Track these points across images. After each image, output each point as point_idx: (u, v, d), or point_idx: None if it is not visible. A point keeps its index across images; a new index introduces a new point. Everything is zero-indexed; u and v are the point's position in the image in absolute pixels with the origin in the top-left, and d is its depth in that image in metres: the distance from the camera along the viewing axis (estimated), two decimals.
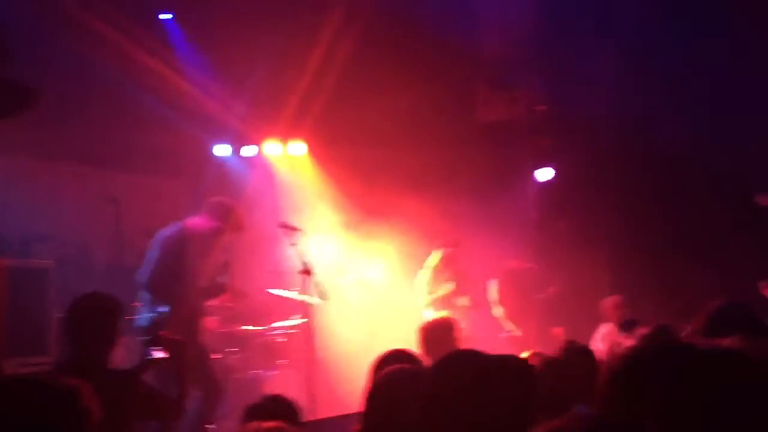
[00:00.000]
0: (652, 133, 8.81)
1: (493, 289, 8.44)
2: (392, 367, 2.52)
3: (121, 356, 4.01)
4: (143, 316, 5.66)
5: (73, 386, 1.78)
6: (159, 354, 3.60)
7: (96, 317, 3.52)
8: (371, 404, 2.42)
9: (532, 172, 9.50)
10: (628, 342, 4.75)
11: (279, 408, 2.59)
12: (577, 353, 3.29)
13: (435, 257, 8.06)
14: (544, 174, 9.50)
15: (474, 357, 2.08)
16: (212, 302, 7.61)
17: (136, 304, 5.91)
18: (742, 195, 9.11)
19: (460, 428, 1.91)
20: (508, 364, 2.43)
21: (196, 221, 6.08)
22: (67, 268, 7.18)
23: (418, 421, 2.03)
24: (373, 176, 8.72)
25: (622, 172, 8.88)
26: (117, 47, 7.61)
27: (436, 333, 5.08)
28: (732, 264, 8.23)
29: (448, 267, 8.04)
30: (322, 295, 6.44)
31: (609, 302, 7.32)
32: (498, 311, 8.38)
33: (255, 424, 1.78)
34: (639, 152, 8.86)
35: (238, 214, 6.23)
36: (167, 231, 5.97)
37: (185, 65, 8.36)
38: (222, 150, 9.15)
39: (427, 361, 3.33)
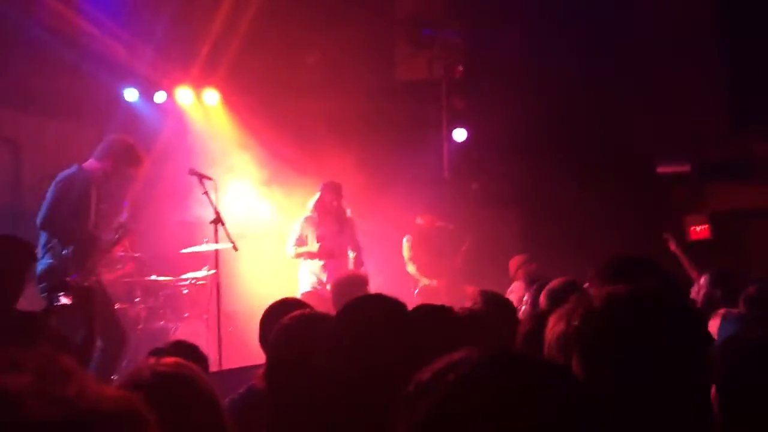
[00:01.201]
0: (565, 100, 9.03)
1: (406, 246, 8.51)
2: (294, 313, 2.48)
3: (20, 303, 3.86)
4: (41, 261, 5.44)
5: None
6: (64, 300, 3.48)
7: (6, 260, 3.40)
8: (274, 350, 2.39)
9: (448, 131, 9.57)
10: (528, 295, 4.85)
11: (183, 352, 2.52)
12: (496, 303, 3.34)
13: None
14: (459, 134, 9.58)
15: (380, 300, 2.07)
16: (115, 249, 7.42)
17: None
18: (644, 163, 9.55)
19: (366, 371, 1.90)
20: (415, 309, 2.45)
21: (92, 162, 5.89)
22: None
23: (323, 365, 2.01)
24: (287, 126, 8.61)
25: (534, 137, 9.05)
26: None
27: (345, 287, 5.12)
28: (635, 225, 8.59)
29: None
30: (233, 246, 6.36)
31: (515, 260, 7.46)
32: (411, 268, 8.46)
33: (153, 360, 1.72)
34: (552, 119, 9.04)
35: (134, 149, 6.02)
36: (65, 172, 5.77)
37: (90, 6, 7.98)
38: (131, 95, 8.80)
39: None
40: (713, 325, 3.93)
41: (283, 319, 2.48)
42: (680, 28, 8.87)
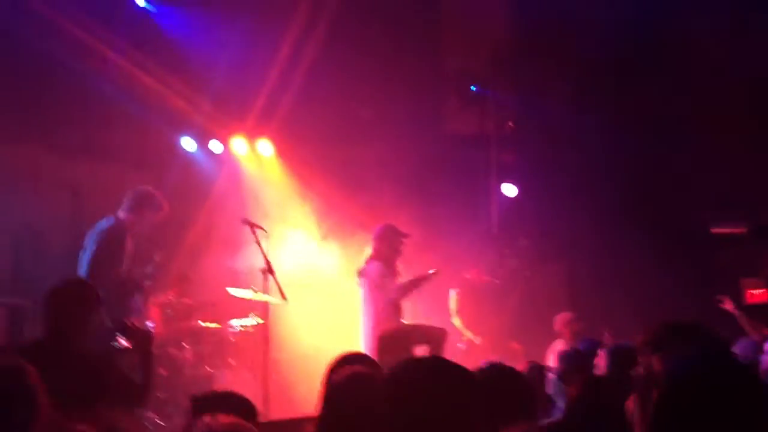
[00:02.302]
0: (617, 157, 8.98)
1: (453, 299, 8.48)
2: (349, 369, 2.49)
3: None
4: None
5: (18, 364, 1.76)
6: (124, 343, 3.60)
7: (74, 303, 3.55)
8: (326, 406, 2.40)
9: (496, 186, 9.58)
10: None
11: (234, 405, 2.53)
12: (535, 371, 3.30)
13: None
14: (509, 190, 9.58)
15: (434, 363, 2.07)
16: (166, 296, 7.56)
17: None
18: (696, 224, 9.39)
19: None
20: (467, 373, 2.44)
21: (122, 213, 6.22)
22: (21, 254, 7.05)
23: (373, 425, 2.01)
24: (339, 178, 8.72)
25: (584, 194, 9.01)
26: (82, 43, 7.60)
27: (391, 341, 5.10)
28: (686, 286, 8.42)
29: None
30: (282, 296, 6.41)
31: (561, 318, 7.38)
32: (457, 321, 8.41)
33: (210, 418, 1.74)
34: (602, 176, 9.00)
35: (156, 197, 6.33)
36: (103, 224, 6.15)
37: (149, 59, 8.29)
38: (188, 144, 9.06)
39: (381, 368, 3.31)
40: None
41: (335, 375, 2.50)
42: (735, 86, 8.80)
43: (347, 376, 2.43)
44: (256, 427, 2.67)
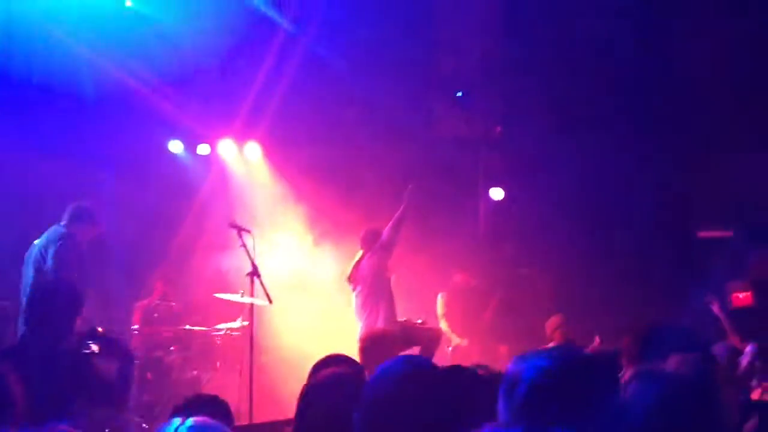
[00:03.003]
0: (604, 163, 9.01)
1: (440, 303, 8.48)
2: (329, 370, 2.49)
3: None
4: None
5: None
6: (94, 347, 3.59)
7: (60, 301, 3.56)
8: (304, 406, 2.40)
9: (484, 190, 9.60)
10: None
11: (209, 408, 2.53)
12: None
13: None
14: (496, 194, 9.60)
15: (415, 364, 2.07)
16: (151, 299, 7.54)
17: None
18: (685, 227, 9.44)
19: None
20: (453, 373, 2.44)
21: (66, 226, 6.22)
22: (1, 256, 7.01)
23: (351, 426, 2.01)
24: (326, 181, 8.72)
25: (572, 199, 9.04)
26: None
27: (375, 345, 5.09)
28: (673, 291, 8.44)
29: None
30: (268, 299, 6.40)
31: (553, 321, 7.36)
32: (444, 325, 8.41)
33: (182, 418, 1.73)
34: (590, 182, 9.02)
35: (90, 211, 6.33)
36: (60, 231, 6.13)
37: (136, 61, 8.27)
38: (175, 147, 9.04)
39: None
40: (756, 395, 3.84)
41: (315, 376, 2.49)
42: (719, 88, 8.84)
43: (326, 376, 2.42)
44: (232, 430, 2.68)
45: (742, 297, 8.84)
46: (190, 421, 1.72)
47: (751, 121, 8.60)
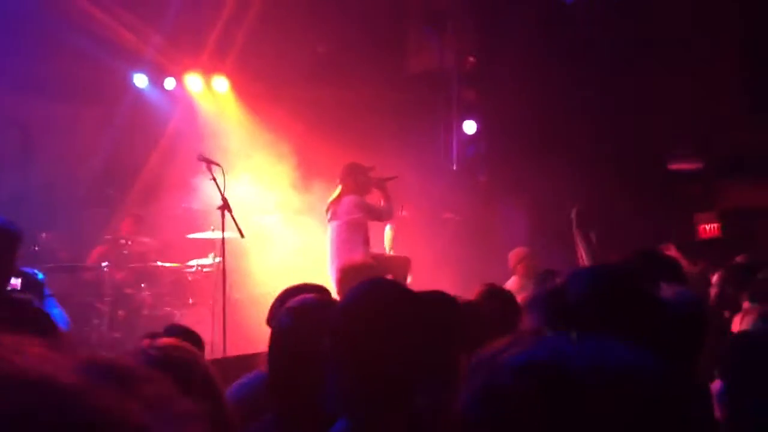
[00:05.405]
0: (576, 95, 8.97)
1: (387, 235, 8.34)
2: (300, 297, 2.45)
3: None
4: None
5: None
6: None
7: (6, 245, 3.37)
8: (276, 336, 2.36)
9: (457, 123, 9.51)
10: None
11: (179, 335, 2.48)
12: (494, 296, 3.30)
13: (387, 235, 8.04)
14: (469, 126, 9.52)
15: (387, 286, 2.03)
16: (118, 235, 7.44)
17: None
18: (656, 159, 9.49)
19: (369, 359, 1.86)
20: (428, 296, 2.41)
21: None
22: None
23: (325, 351, 1.97)
24: (295, 115, 8.56)
25: (544, 131, 9.00)
26: None
27: (353, 275, 5.05)
28: (644, 222, 8.52)
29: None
30: (239, 233, 6.33)
31: (516, 253, 7.07)
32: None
33: (148, 341, 1.68)
34: (562, 113, 8.98)
35: None
36: None
37: None
38: (140, 80, 8.79)
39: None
40: (737, 323, 3.88)
41: (290, 301, 2.45)
42: (695, 20, 8.78)
43: (300, 301, 2.38)
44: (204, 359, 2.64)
45: (710, 228, 8.96)
46: (161, 342, 1.67)
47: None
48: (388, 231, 8.06)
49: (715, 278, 4.82)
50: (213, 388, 1.69)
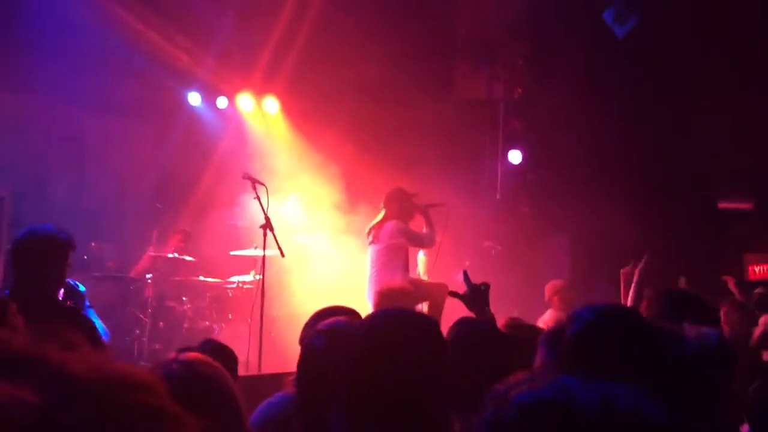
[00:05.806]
0: (625, 128, 8.88)
1: (421, 262, 8.29)
2: (331, 319, 2.48)
3: None
4: None
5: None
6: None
7: (46, 250, 3.45)
8: (305, 358, 2.39)
9: (503, 153, 9.49)
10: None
11: (212, 350, 2.53)
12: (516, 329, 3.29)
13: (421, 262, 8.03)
14: (514, 156, 9.49)
15: (404, 314, 2.05)
16: (166, 250, 7.59)
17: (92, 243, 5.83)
18: (704, 199, 9.31)
19: (384, 384, 1.88)
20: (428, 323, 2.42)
21: None
22: (24, 202, 7.08)
23: (345, 375, 2.00)
24: (345, 137, 8.65)
25: (591, 164, 8.92)
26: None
27: (391, 299, 5.07)
28: (691, 261, 8.35)
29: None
30: (280, 252, 6.41)
31: (552, 285, 7.00)
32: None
33: (175, 354, 1.74)
34: (610, 146, 8.90)
35: None
36: None
37: (154, 14, 8.22)
38: (194, 99, 9.03)
39: None
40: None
41: (321, 324, 2.48)
42: (749, 59, 8.64)
43: (326, 325, 2.42)
44: (236, 376, 2.68)
45: (759, 270, 8.75)
46: (185, 356, 1.72)
47: None
48: (421, 256, 8.06)
49: (762, 319, 4.76)
50: (231, 406, 1.73)
